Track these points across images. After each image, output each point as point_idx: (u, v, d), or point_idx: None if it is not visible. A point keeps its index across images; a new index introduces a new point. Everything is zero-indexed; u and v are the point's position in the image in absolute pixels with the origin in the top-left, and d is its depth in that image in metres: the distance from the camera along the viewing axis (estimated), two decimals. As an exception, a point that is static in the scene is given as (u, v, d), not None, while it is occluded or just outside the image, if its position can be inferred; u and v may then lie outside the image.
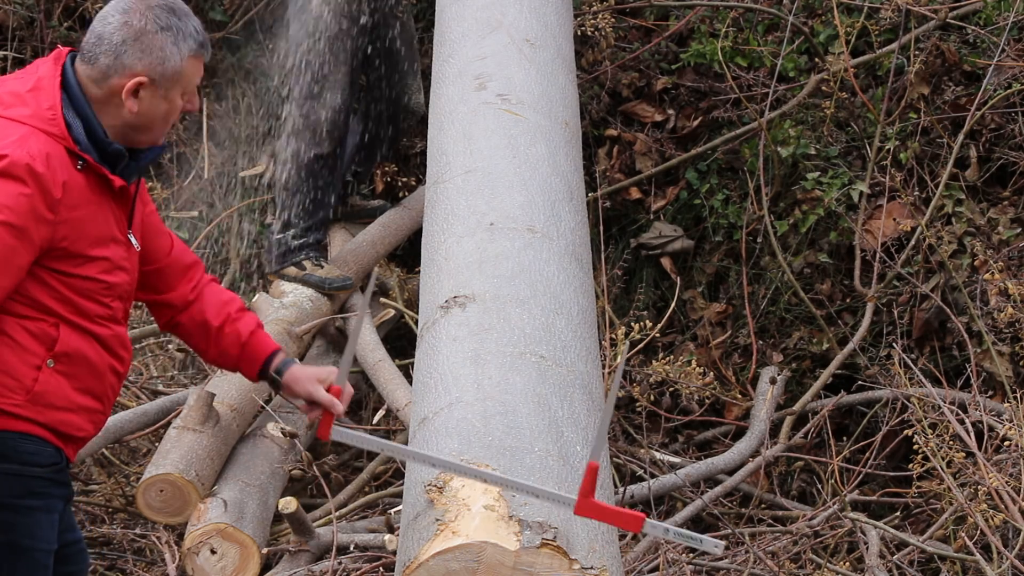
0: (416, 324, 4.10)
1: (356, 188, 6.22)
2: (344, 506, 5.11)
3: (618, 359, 3.03)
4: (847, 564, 4.75)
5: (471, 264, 3.82)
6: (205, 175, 6.61)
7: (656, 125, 6.62)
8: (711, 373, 5.74)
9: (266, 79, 6.48)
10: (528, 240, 3.89)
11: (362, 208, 6.25)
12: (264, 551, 4.62)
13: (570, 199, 4.17)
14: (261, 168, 6.45)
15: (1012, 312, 5.27)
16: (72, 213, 3.00)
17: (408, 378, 5.13)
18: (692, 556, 4.78)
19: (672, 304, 5.89)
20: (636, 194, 6.56)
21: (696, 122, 6.55)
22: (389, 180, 6.46)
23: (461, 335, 3.60)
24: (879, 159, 5.97)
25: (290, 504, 4.56)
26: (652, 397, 5.65)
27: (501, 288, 3.72)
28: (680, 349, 6.28)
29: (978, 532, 4.51)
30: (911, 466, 4.92)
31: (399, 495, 4.93)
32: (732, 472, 5.32)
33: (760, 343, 6.09)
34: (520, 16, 4.78)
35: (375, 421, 5.40)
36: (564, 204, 4.11)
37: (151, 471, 4.71)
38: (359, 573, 4.57)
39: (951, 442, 4.67)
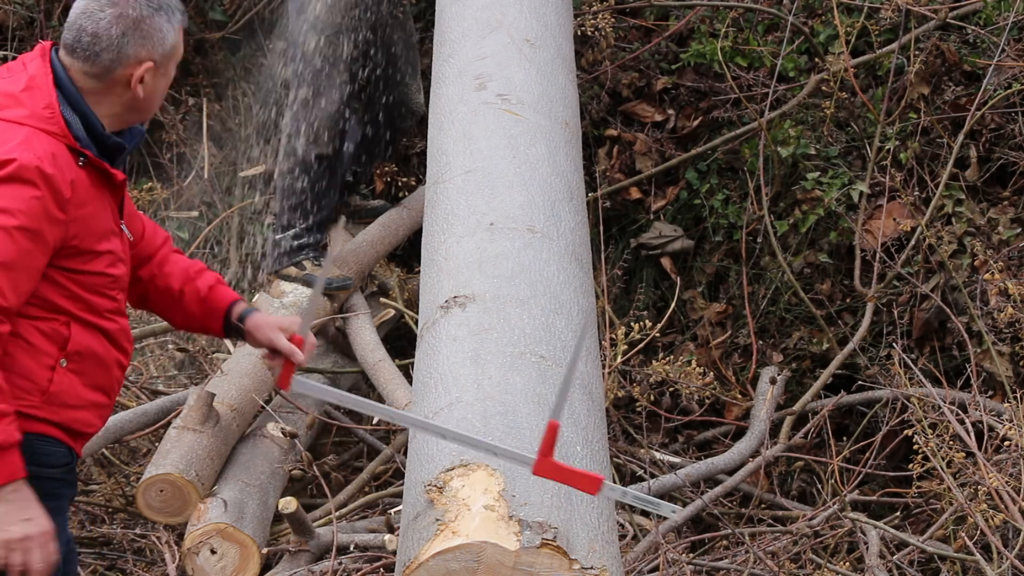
0: (416, 324, 4.10)
1: (356, 188, 6.22)
2: (344, 506, 5.11)
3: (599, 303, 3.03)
4: (847, 564, 4.75)
5: (471, 264, 3.82)
6: (205, 175, 6.61)
7: (656, 125, 6.63)
8: (711, 373, 5.74)
9: (266, 79, 6.48)
10: (528, 240, 3.89)
11: (362, 208, 6.25)
12: (264, 551, 4.63)
13: (570, 199, 4.17)
14: (261, 168, 6.45)
15: (1012, 312, 5.27)
16: (80, 211, 3.02)
17: (408, 378, 5.13)
18: (692, 556, 4.78)
19: (672, 304, 5.89)
20: (636, 194, 6.56)
21: (696, 122, 6.55)
22: (389, 180, 6.46)
23: (461, 335, 3.60)
24: (879, 159, 5.97)
25: (290, 504, 4.56)
26: (652, 397, 5.65)
27: (501, 288, 3.72)
28: (680, 349, 6.28)
29: (978, 532, 4.51)
30: (911, 466, 4.92)
31: (399, 495, 4.93)
32: (732, 472, 5.32)
33: (760, 343, 6.09)
34: (520, 16, 4.78)
35: (375, 421, 5.40)
36: (564, 204, 4.11)
37: (151, 471, 4.71)
38: (359, 573, 4.57)
39: (951, 442, 4.67)
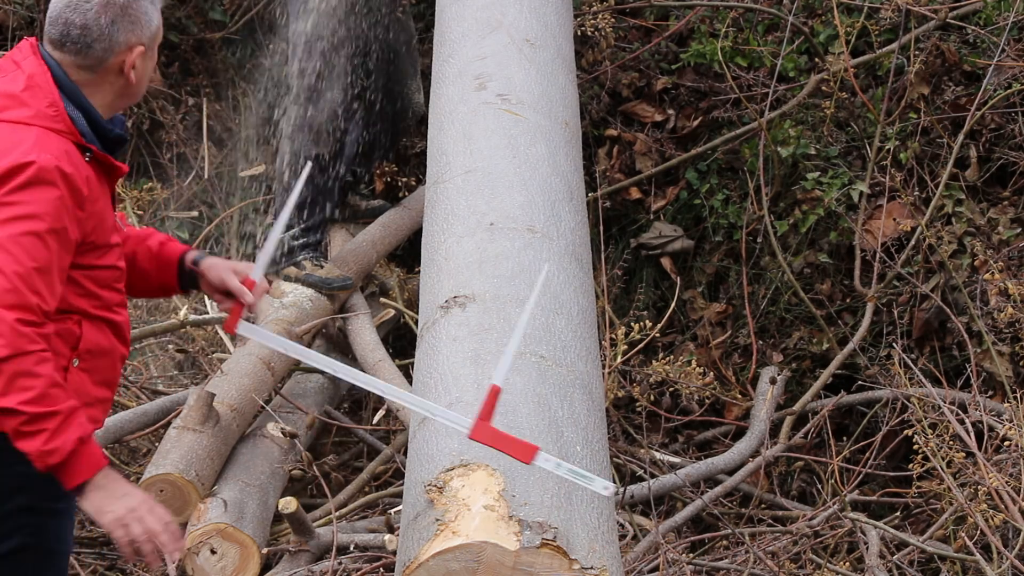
0: (416, 324, 4.11)
1: (356, 188, 6.22)
2: (344, 506, 5.11)
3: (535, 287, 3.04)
4: (847, 564, 4.75)
5: (471, 264, 3.82)
6: (205, 175, 6.61)
7: (656, 125, 6.63)
8: (711, 373, 5.74)
9: (266, 79, 6.48)
10: (528, 240, 3.89)
11: (362, 208, 6.25)
12: (264, 551, 4.62)
13: (570, 199, 4.17)
14: (261, 168, 6.45)
15: (1012, 312, 5.27)
16: (94, 206, 3.03)
17: (408, 378, 5.13)
18: (692, 556, 4.78)
19: (672, 304, 5.89)
20: (636, 194, 6.56)
21: (696, 122, 6.55)
22: (389, 180, 6.46)
23: (461, 335, 3.60)
24: (879, 159, 5.97)
25: (290, 504, 4.56)
26: (652, 397, 5.65)
27: (501, 288, 3.72)
28: (680, 349, 6.28)
29: (978, 532, 4.51)
30: (911, 466, 4.92)
31: (399, 495, 4.93)
32: (732, 472, 5.32)
33: (760, 343, 6.09)
34: (520, 16, 4.78)
35: (375, 421, 5.40)
36: (564, 204, 4.11)
37: (151, 471, 4.70)
38: (359, 573, 4.57)
39: (951, 442, 4.67)
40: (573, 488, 3.18)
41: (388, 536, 4.62)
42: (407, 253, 6.30)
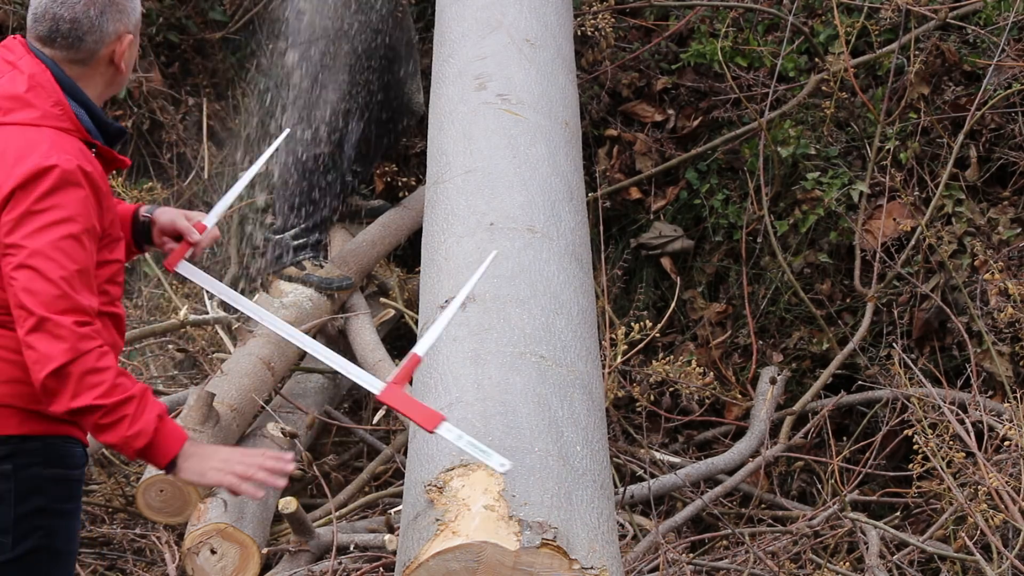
0: (416, 324, 4.11)
1: (356, 188, 6.22)
2: (344, 506, 5.11)
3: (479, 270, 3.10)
4: (847, 564, 4.75)
5: (471, 264, 3.82)
6: (205, 175, 6.61)
7: (656, 125, 6.63)
8: (711, 373, 5.74)
9: (266, 79, 6.48)
10: (528, 240, 3.89)
11: (362, 208, 6.25)
12: (264, 551, 4.62)
13: (570, 199, 4.17)
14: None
15: (1012, 312, 5.27)
16: (108, 201, 3.05)
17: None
18: (692, 556, 4.78)
19: (672, 304, 5.89)
20: (636, 194, 6.56)
21: (696, 122, 6.55)
22: (389, 180, 6.46)
23: (461, 335, 3.60)
24: (879, 159, 5.97)
25: (290, 504, 4.56)
26: (652, 397, 5.65)
27: (501, 288, 3.71)
28: (680, 349, 6.28)
29: (978, 532, 4.51)
30: (911, 466, 4.92)
31: (399, 495, 4.93)
32: (732, 472, 5.32)
33: (760, 343, 6.09)
34: (520, 16, 4.78)
35: (375, 421, 5.40)
36: (564, 204, 4.11)
37: (151, 471, 4.70)
38: (359, 573, 4.57)
39: (951, 442, 4.67)
40: (573, 488, 3.18)
41: (388, 536, 4.62)
42: (407, 253, 6.30)
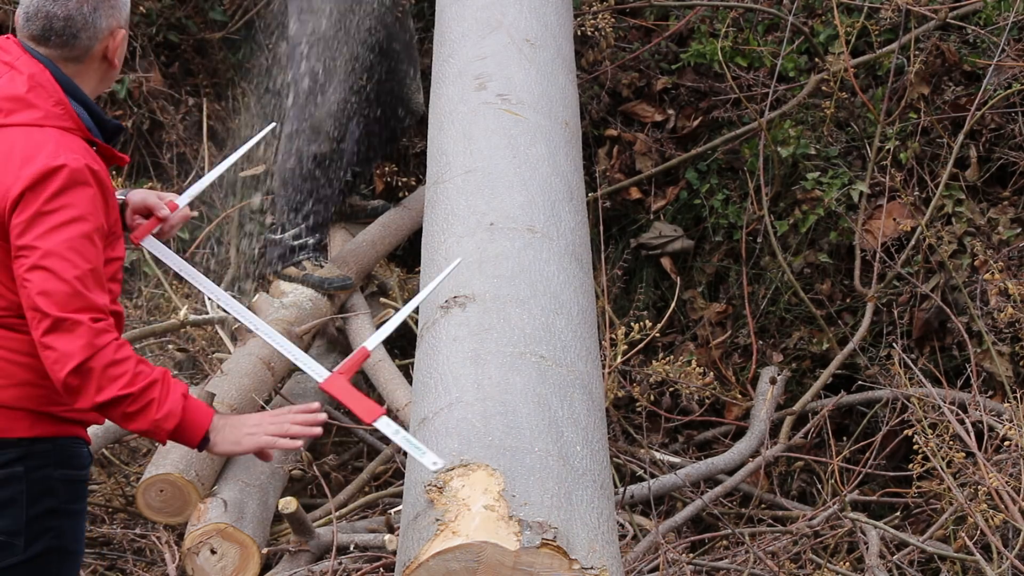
0: (416, 324, 4.10)
1: (356, 188, 6.22)
2: (344, 506, 5.11)
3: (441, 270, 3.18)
4: (847, 564, 4.75)
5: (471, 264, 3.82)
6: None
7: (656, 125, 6.63)
8: (711, 373, 5.74)
9: (266, 79, 6.49)
10: (528, 240, 3.89)
11: (362, 208, 6.25)
12: (264, 551, 4.62)
13: (570, 199, 4.17)
14: (261, 168, 6.45)
15: (1012, 312, 5.27)
16: (112, 198, 3.06)
17: (408, 378, 5.13)
18: (692, 556, 4.78)
19: (672, 304, 5.90)
20: (636, 194, 6.56)
21: (696, 122, 6.55)
22: (389, 180, 6.46)
23: (461, 335, 3.60)
24: (879, 159, 5.97)
25: (290, 504, 4.56)
26: (652, 397, 5.65)
27: (501, 288, 3.71)
28: (680, 349, 6.28)
29: (978, 532, 4.51)
30: (911, 466, 4.92)
31: (399, 495, 4.93)
32: (732, 472, 5.32)
33: (760, 343, 6.09)
34: (520, 16, 4.78)
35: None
36: (564, 204, 4.11)
37: (151, 471, 4.71)
38: (359, 573, 4.57)
39: (951, 442, 4.67)
40: (573, 488, 3.18)
41: (388, 536, 4.62)
42: (407, 253, 6.30)
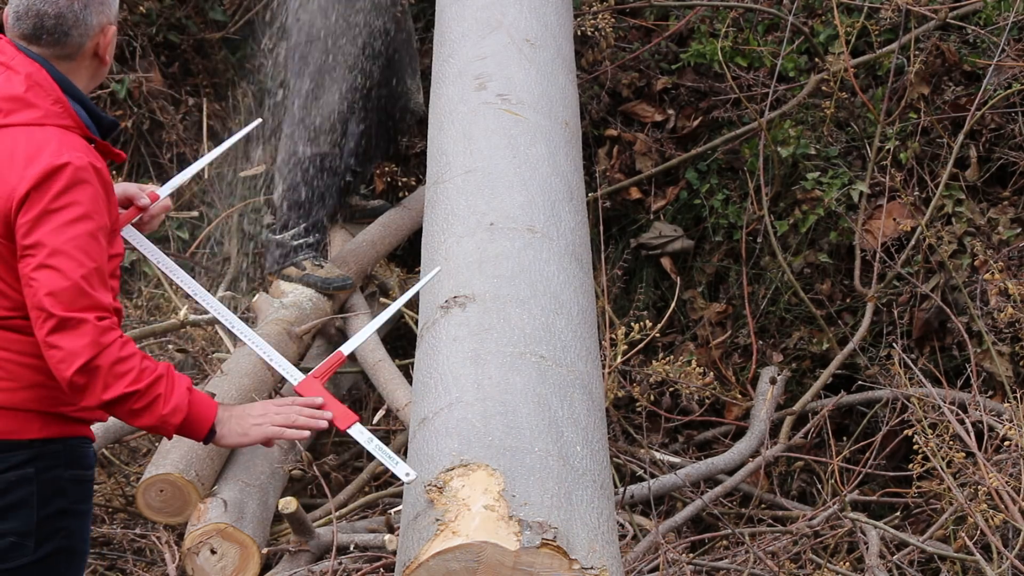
0: (416, 324, 4.11)
1: (356, 188, 6.22)
2: (344, 506, 5.11)
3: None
4: (847, 564, 4.75)
5: (471, 264, 3.82)
6: (205, 175, 6.61)
7: (656, 125, 6.63)
8: (711, 373, 5.74)
9: (266, 79, 6.48)
10: (528, 240, 3.89)
11: (362, 208, 6.25)
12: (264, 551, 4.63)
13: (570, 199, 4.17)
14: (261, 168, 6.45)
15: (1012, 312, 5.27)
16: (113, 195, 3.06)
17: (408, 378, 5.13)
18: (692, 556, 4.78)
19: (672, 304, 5.90)
20: (636, 194, 6.56)
21: (696, 122, 6.55)
22: (389, 180, 6.46)
23: (461, 335, 3.60)
24: (879, 159, 5.97)
25: (290, 504, 4.56)
26: (652, 397, 5.65)
27: (501, 288, 3.71)
28: (680, 349, 6.28)
29: (978, 532, 4.51)
30: (911, 466, 4.92)
31: (399, 495, 4.93)
32: (732, 472, 5.32)
33: (760, 343, 6.09)
34: (520, 16, 4.78)
35: (375, 421, 5.40)
36: (564, 204, 4.11)
37: (151, 471, 4.71)
38: (359, 573, 4.57)
39: (951, 442, 4.67)
40: (573, 488, 3.18)
41: (388, 536, 4.62)
42: (407, 253, 6.30)
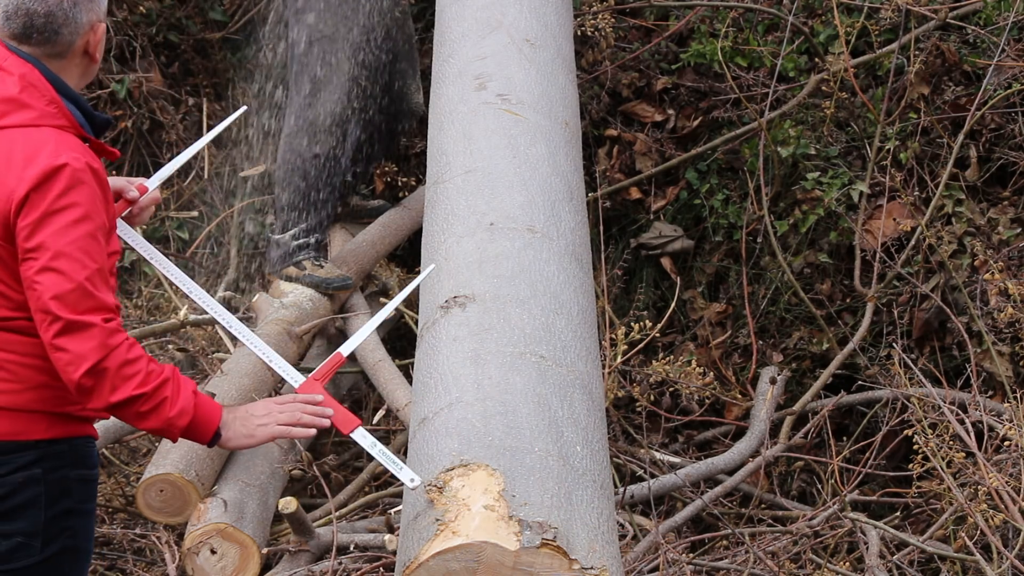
0: (416, 324, 4.11)
1: (356, 188, 6.22)
2: (344, 506, 5.11)
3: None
4: (847, 564, 4.75)
5: (471, 264, 3.82)
6: (205, 175, 6.61)
7: (656, 125, 6.63)
8: (711, 373, 5.74)
9: (266, 79, 6.49)
10: (528, 240, 3.89)
11: (362, 208, 6.25)
12: (264, 551, 4.63)
13: (570, 199, 4.17)
14: (261, 168, 6.45)
15: (1012, 312, 5.27)
16: (109, 194, 3.06)
17: (408, 378, 5.13)
18: (692, 556, 4.78)
19: (672, 304, 5.90)
20: (636, 194, 6.56)
21: (696, 122, 6.55)
22: (389, 180, 6.46)
23: (461, 335, 3.60)
24: (879, 159, 5.97)
25: (290, 504, 4.56)
26: (652, 397, 5.65)
27: (501, 288, 3.71)
28: (680, 349, 6.28)
29: (978, 532, 4.51)
30: (911, 466, 4.92)
31: (399, 495, 4.93)
32: (732, 472, 5.32)
33: (760, 343, 6.09)
34: (520, 16, 4.78)
35: (375, 421, 5.40)
36: (564, 204, 4.11)
37: (151, 471, 4.71)
38: (359, 573, 4.57)
39: (951, 442, 4.67)
40: (573, 488, 3.18)
41: (388, 536, 4.62)
42: (407, 253, 6.30)
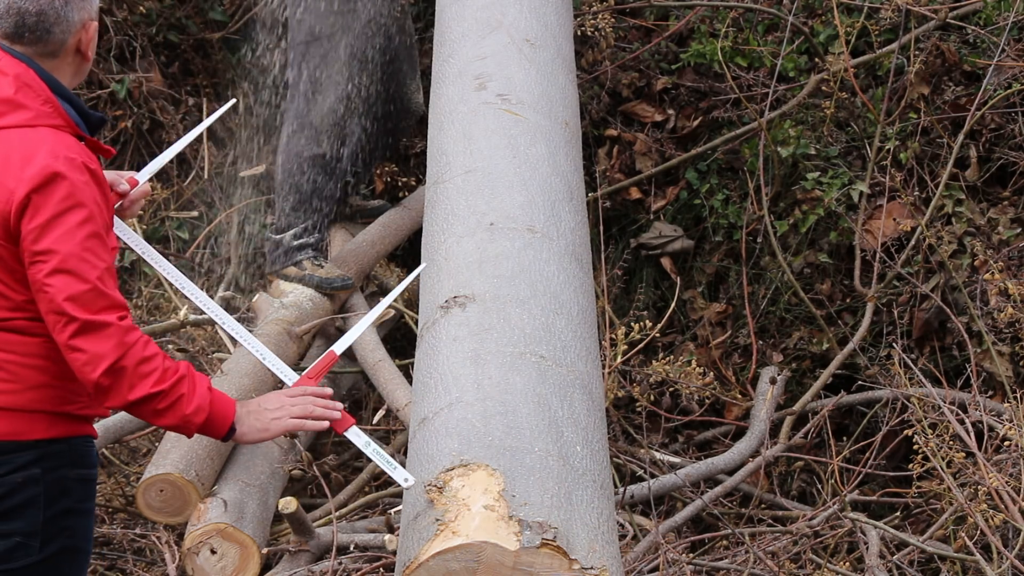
0: (416, 324, 4.11)
1: (356, 188, 6.22)
2: (344, 506, 5.11)
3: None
4: (847, 564, 4.75)
5: (471, 264, 3.82)
6: (205, 175, 6.61)
7: (656, 125, 6.63)
8: (711, 373, 5.74)
9: (266, 79, 6.48)
10: (528, 240, 3.89)
11: (362, 208, 6.25)
12: (264, 551, 4.63)
13: (570, 199, 4.17)
14: (261, 168, 6.45)
15: (1012, 312, 5.27)
16: (107, 192, 3.05)
17: (408, 378, 5.13)
18: (692, 556, 4.78)
19: (672, 304, 5.90)
20: (636, 194, 6.56)
21: (696, 122, 6.55)
22: (389, 180, 6.46)
23: (461, 335, 3.60)
24: (879, 159, 5.97)
25: (290, 504, 4.56)
26: (652, 397, 5.65)
27: (501, 288, 3.71)
28: (680, 349, 6.28)
29: (978, 532, 4.51)
30: (911, 466, 4.92)
31: (399, 495, 4.93)
32: (732, 472, 5.32)
33: (760, 343, 6.09)
34: (520, 16, 4.78)
35: (375, 421, 5.41)
36: (564, 204, 4.11)
37: (151, 471, 4.71)
38: (359, 573, 4.57)
39: (951, 442, 4.67)
40: (573, 488, 3.18)
41: (388, 536, 4.62)
42: (407, 253, 6.30)
